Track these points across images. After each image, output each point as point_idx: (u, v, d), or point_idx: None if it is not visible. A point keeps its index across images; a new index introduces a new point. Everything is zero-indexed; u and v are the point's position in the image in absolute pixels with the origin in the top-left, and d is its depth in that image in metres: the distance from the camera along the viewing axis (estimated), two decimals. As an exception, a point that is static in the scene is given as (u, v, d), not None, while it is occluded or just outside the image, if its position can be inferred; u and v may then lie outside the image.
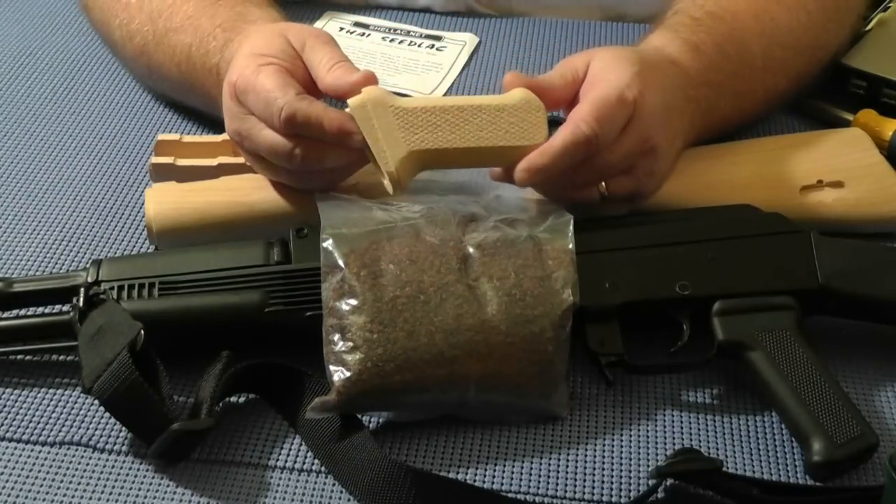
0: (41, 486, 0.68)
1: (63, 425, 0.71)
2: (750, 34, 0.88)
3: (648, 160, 0.78)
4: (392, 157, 0.73)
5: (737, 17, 0.88)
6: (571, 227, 0.74)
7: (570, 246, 0.73)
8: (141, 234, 0.85)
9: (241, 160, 0.84)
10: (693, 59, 0.83)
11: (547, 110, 0.76)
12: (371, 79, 0.75)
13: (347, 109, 0.74)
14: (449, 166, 0.77)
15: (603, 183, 0.77)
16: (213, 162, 0.84)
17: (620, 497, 0.69)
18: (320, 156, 0.75)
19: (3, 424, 0.71)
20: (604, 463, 0.71)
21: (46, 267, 0.82)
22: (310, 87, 0.77)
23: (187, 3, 0.89)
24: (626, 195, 0.78)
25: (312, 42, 0.78)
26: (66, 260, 0.83)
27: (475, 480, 0.69)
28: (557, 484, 0.69)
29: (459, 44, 1.07)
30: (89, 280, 0.74)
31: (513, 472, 0.70)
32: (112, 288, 0.73)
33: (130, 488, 0.68)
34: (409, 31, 1.08)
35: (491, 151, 0.75)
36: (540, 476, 0.70)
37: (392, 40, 1.07)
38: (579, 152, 0.74)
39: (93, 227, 0.86)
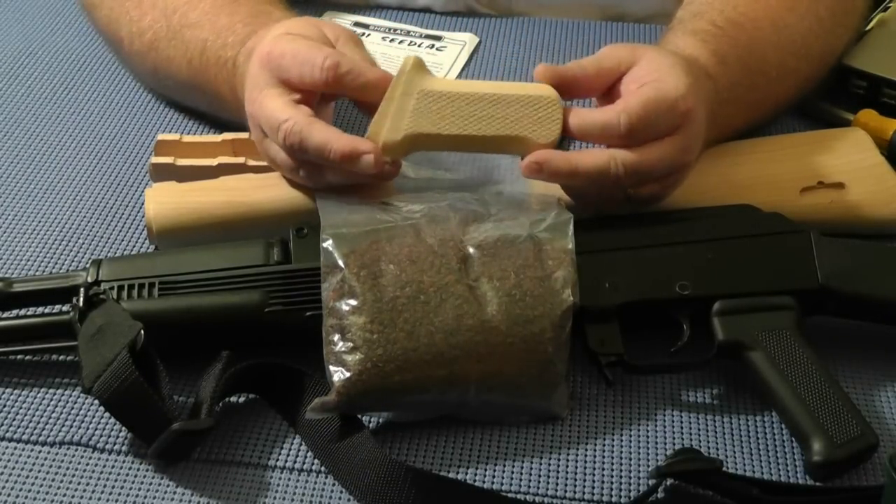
0: (41, 486, 0.68)
1: (63, 425, 0.71)
2: (767, 44, 0.87)
3: (682, 173, 0.78)
4: (386, 135, 0.73)
5: (756, 24, 0.87)
6: (571, 227, 0.74)
7: (570, 246, 0.73)
8: (141, 234, 0.85)
9: (241, 160, 0.84)
10: (722, 75, 0.82)
11: (576, 97, 0.76)
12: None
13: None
14: (450, 149, 0.77)
15: (631, 194, 0.76)
16: (213, 162, 0.84)
17: (620, 497, 0.69)
18: (309, 134, 0.74)
19: (3, 424, 0.71)
20: (604, 463, 0.71)
21: (46, 267, 0.82)
22: None
23: (204, 1, 0.90)
24: (649, 200, 0.78)
25: (346, 39, 0.79)
26: (66, 260, 0.83)
27: (475, 480, 0.69)
28: (557, 484, 0.69)
29: (459, 44, 1.07)
30: (89, 280, 0.74)
31: (513, 472, 0.70)
32: (112, 288, 0.73)
33: (130, 488, 0.68)
34: (409, 31, 1.08)
35: (494, 140, 0.74)
36: (540, 476, 0.70)
37: (392, 40, 1.07)
38: (608, 137, 0.74)
39: (93, 227, 0.86)
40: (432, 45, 1.07)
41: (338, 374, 0.68)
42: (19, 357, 0.75)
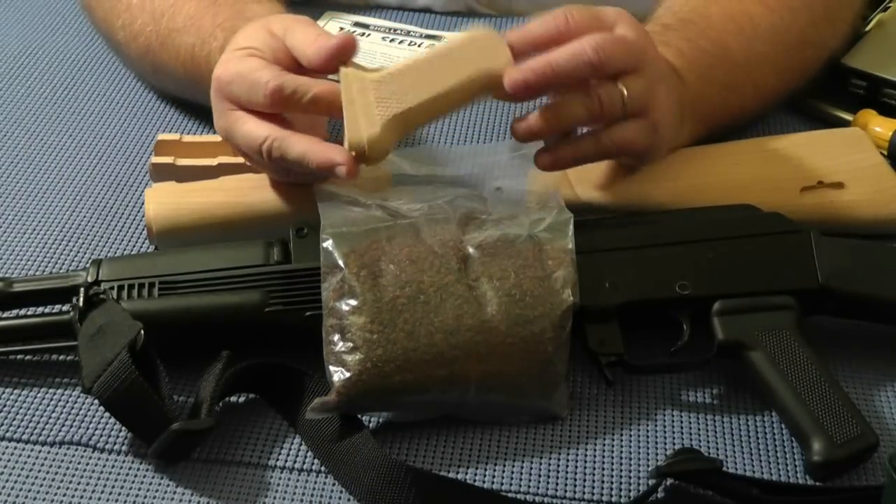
0: (41, 486, 0.68)
1: (63, 425, 0.71)
2: (725, 33, 0.88)
3: (655, 63, 0.78)
4: (366, 134, 0.73)
5: (709, 19, 0.89)
6: (571, 227, 0.74)
7: (570, 246, 0.73)
8: (141, 234, 0.85)
9: (241, 160, 0.84)
10: (668, 54, 0.83)
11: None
12: (349, 40, 0.75)
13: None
14: (429, 118, 0.77)
15: (623, 89, 0.76)
16: (213, 162, 0.84)
17: (620, 497, 0.69)
18: (287, 148, 0.75)
19: (3, 424, 0.71)
20: (604, 463, 0.71)
21: (46, 267, 0.82)
22: (294, 72, 0.77)
23: (189, 3, 0.90)
24: (641, 100, 0.77)
25: (293, 26, 0.79)
26: (66, 260, 0.83)
27: (475, 480, 0.69)
28: (557, 484, 0.69)
29: (459, 44, 1.07)
30: (89, 280, 0.74)
31: (513, 472, 0.70)
32: (112, 288, 0.73)
33: (130, 488, 0.68)
34: (409, 31, 1.08)
35: (462, 88, 0.75)
36: (540, 476, 0.70)
37: (392, 40, 1.07)
38: (557, 30, 0.75)
39: (93, 227, 0.86)
40: (432, 45, 1.06)
41: (338, 374, 0.68)
42: (19, 357, 0.75)
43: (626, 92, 0.76)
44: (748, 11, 0.90)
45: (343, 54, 0.75)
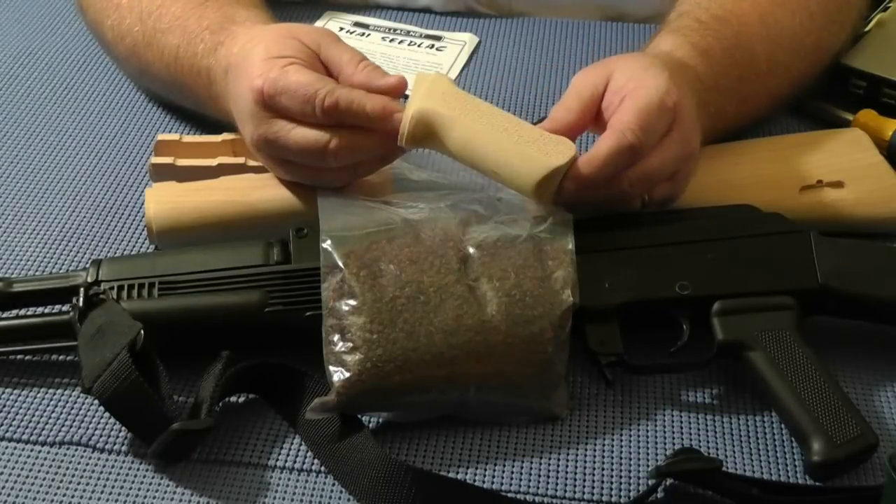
0: (41, 486, 0.68)
1: (63, 425, 0.71)
2: (755, 38, 0.88)
3: (689, 164, 0.78)
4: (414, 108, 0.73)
5: (742, 20, 0.88)
6: (571, 227, 0.74)
7: (570, 246, 0.73)
8: (141, 234, 0.85)
9: (240, 160, 0.84)
10: (703, 64, 0.83)
11: (571, 137, 0.75)
12: (402, 84, 0.75)
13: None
14: (459, 150, 0.76)
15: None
16: (213, 162, 0.84)
17: (620, 497, 0.69)
18: (355, 147, 0.75)
19: (3, 424, 0.71)
20: (604, 463, 0.71)
21: (46, 267, 0.82)
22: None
23: (176, 4, 0.89)
24: (665, 200, 0.78)
25: (326, 41, 0.79)
26: (66, 260, 0.83)
27: (475, 480, 0.69)
28: (557, 484, 0.69)
29: (459, 44, 1.07)
30: (89, 280, 0.74)
31: (513, 472, 0.70)
32: (112, 288, 0.73)
33: (130, 488, 0.68)
34: (409, 31, 1.08)
35: (504, 151, 0.74)
36: (540, 476, 0.70)
37: (392, 40, 1.07)
38: (623, 161, 0.73)
39: (93, 227, 0.86)
40: (432, 45, 1.07)
41: (338, 374, 0.68)
42: (19, 357, 0.75)
43: (648, 202, 0.77)
44: (774, 13, 0.89)
45: (393, 93, 0.75)
